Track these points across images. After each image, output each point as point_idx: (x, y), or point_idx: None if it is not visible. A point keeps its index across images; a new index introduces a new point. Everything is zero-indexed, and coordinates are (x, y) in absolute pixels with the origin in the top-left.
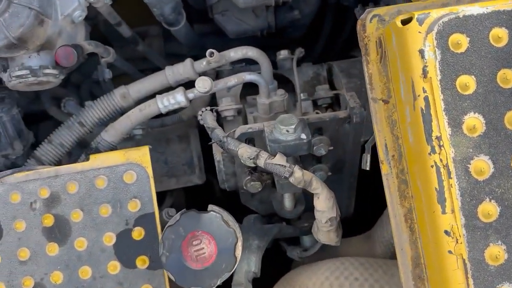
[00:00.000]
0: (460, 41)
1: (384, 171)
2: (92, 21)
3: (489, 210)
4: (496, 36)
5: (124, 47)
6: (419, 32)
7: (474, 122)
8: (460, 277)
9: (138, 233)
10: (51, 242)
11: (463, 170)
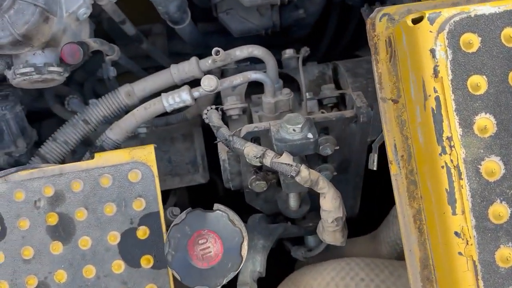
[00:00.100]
0: (472, 41)
1: (393, 172)
2: (96, 19)
3: (500, 212)
4: (508, 36)
5: (128, 45)
6: (430, 32)
7: (485, 123)
8: (470, 279)
9: (143, 232)
10: (55, 241)
11: (474, 171)
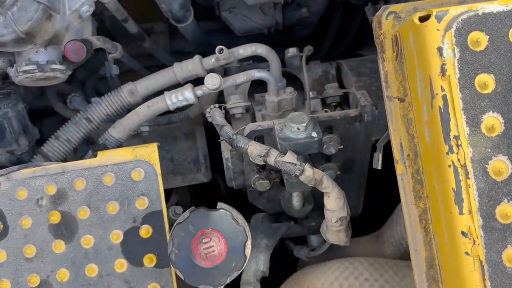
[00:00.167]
0: (479, 39)
1: (399, 171)
2: (98, 17)
3: (508, 211)
4: None
5: (130, 44)
6: (438, 30)
7: (493, 122)
8: (477, 279)
9: (146, 231)
10: (58, 239)
11: (481, 170)
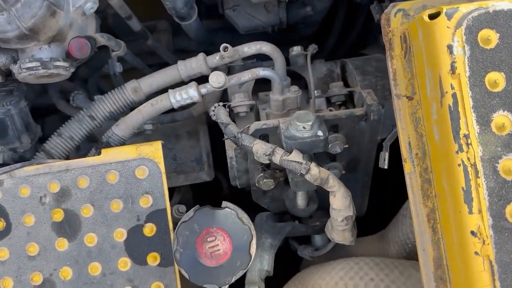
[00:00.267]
0: (490, 37)
1: (407, 170)
2: (101, 14)
3: None
4: None
5: (132, 42)
6: (448, 27)
7: (503, 120)
8: (487, 280)
9: (150, 230)
10: (61, 238)
11: (491, 170)
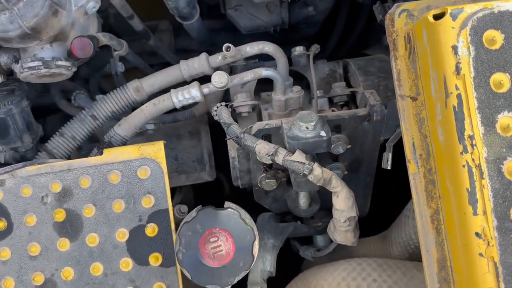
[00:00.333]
0: (495, 38)
1: (411, 171)
2: (103, 14)
3: None
4: None
5: (134, 41)
6: (452, 28)
7: (508, 121)
8: (491, 281)
9: (152, 230)
10: (62, 238)
11: (496, 171)
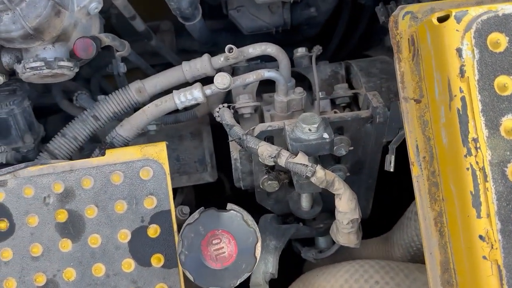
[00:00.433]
0: (499, 40)
1: (415, 173)
2: (105, 14)
3: None
4: None
5: (135, 42)
6: (457, 30)
7: None
8: (495, 284)
9: (154, 231)
10: (64, 238)
11: (500, 174)
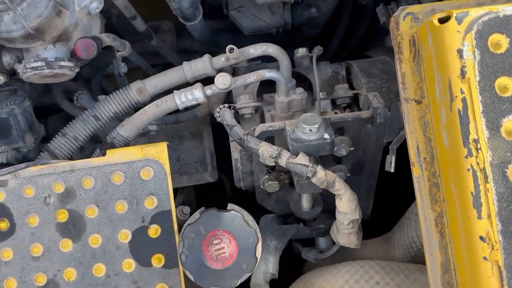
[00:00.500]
0: (500, 42)
1: (416, 174)
2: (106, 14)
3: None
4: None
5: (136, 42)
6: (458, 31)
7: None
8: (495, 285)
9: (154, 231)
10: (65, 238)
11: (501, 175)
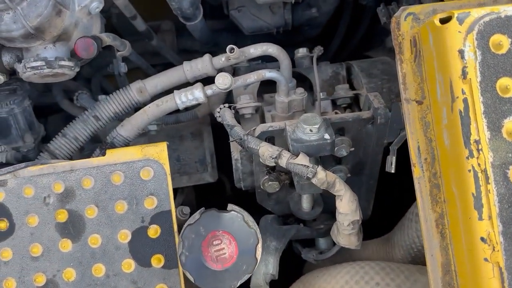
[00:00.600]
0: (502, 42)
1: (416, 175)
2: (106, 14)
3: None
4: None
5: (136, 41)
6: (459, 32)
7: None
8: (496, 286)
9: (154, 231)
10: (64, 238)
11: (502, 176)
